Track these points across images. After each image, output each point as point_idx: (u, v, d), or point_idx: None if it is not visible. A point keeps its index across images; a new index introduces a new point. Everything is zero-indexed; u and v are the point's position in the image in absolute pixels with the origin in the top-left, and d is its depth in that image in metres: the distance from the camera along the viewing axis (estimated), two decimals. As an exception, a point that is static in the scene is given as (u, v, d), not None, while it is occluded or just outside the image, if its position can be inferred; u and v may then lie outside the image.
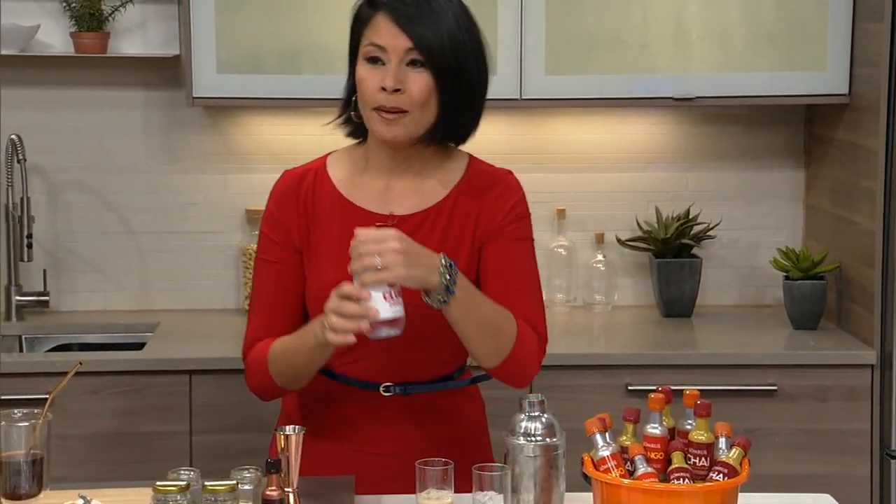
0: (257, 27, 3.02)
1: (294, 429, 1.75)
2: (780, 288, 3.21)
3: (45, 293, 3.26)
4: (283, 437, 1.74)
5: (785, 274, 3.18)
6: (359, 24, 1.92)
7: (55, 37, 3.26)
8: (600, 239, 3.39)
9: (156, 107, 3.33)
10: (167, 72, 3.30)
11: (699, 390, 1.81)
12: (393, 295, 1.75)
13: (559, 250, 3.38)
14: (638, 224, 3.39)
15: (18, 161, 3.17)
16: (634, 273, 3.45)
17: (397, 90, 1.86)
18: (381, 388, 1.97)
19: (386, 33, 1.86)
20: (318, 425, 2.00)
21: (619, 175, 3.42)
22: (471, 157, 2.04)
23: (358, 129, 1.99)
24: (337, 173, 2.00)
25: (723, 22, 3.08)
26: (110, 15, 3.22)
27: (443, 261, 1.78)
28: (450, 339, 1.94)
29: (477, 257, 1.97)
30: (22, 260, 3.21)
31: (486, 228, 1.97)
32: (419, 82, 1.87)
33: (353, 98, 1.94)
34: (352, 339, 1.75)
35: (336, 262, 1.89)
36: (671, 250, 3.30)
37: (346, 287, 1.75)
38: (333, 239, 1.95)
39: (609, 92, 3.10)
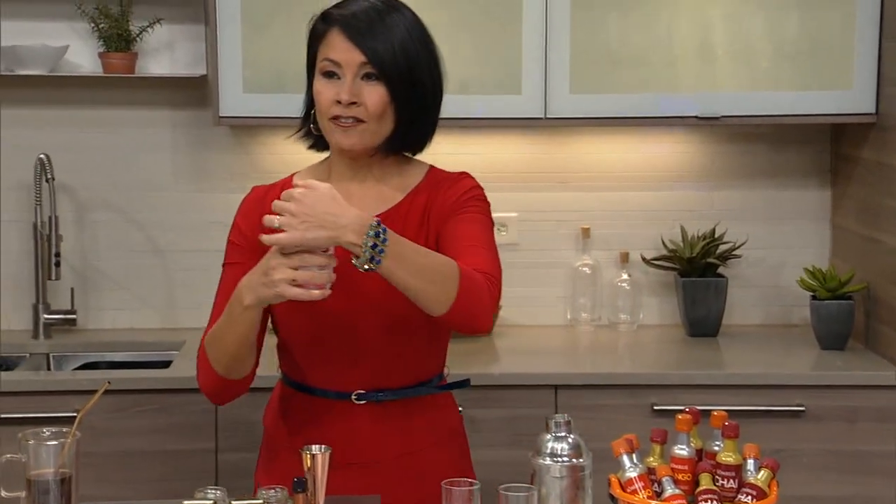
0: (283, 47, 3.04)
1: (320, 448, 1.75)
2: (807, 308, 3.19)
3: (72, 311, 3.28)
4: (308, 456, 1.74)
5: (812, 293, 3.16)
6: (314, 40, 1.96)
7: (84, 57, 3.29)
8: (625, 258, 3.38)
9: (182, 126, 3.35)
10: (194, 91, 3.32)
11: (726, 411, 1.80)
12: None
13: (584, 269, 3.38)
14: (663, 243, 3.38)
15: (47, 180, 3.20)
16: (659, 292, 3.44)
17: (353, 103, 1.91)
18: (352, 396, 1.98)
19: (339, 48, 1.91)
20: (291, 438, 2.00)
21: (644, 194, 3.42)
22: (431, 166, 2.08)
23: (318, 142, 2.03)
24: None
25: (748, 40, 3.08)
26: (138, 35, 3.25)
27: (372, 223, 1.74)
28: (424, 347, 1.97)
29: (436, 247, 1.96)
30: (50, 278, 3.23)
31: (440, 214, 1.98)
32: (374, 95, 1.91)
33: (312, 112, 1.98)
34: (327, 292, 1.75)
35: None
36: (697, 269, 3.29)
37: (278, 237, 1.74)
38: None
39: (634, 111, 3.09)
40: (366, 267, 1.74)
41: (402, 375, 2.00)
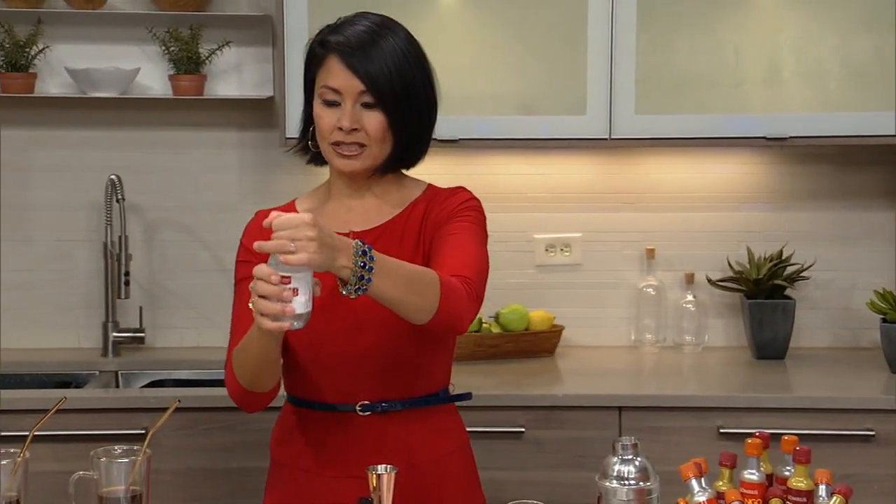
0: (349, 69, 3.06)
1: (386, 468, 1.75)
2: (877, 330, 3.13)
3: (140, 330, 3.32)
4: (374, 475, 1.74)
5: (882, 316, 3.10)
6: (312, 63, 2.00)
7: (154, 79, 3.34)
8: (690, 279, 3.35)
9: (250, 147, 3.39)
10: (261, 113, 3.36)
11: (793, 435, 1.77)
12: (310, 287, 1.71)
13: (648, 290, 3.35)
14: (729, 264, 3.35)
15: (118, 200, 3.25)
16: (725, 314, 3.40)
17: (354, 129, 1.94)
18: (357, 407, 1.98)
19: (338, 76, 1.93)
20: (298, 457, 2.02)
21: (709, 215, 3.39)
22: (429, 184, 2.10)
23: (316, 157, 2.07)
24: (303, 206, 2.10)
25: (816, 61, 3.05)
26: (207, 58, 3.29)
27: (356, 247, 1.72)
28: (426, 358, 1.99)
29: (430, 258, 1.98)
30: (119, 297, 3.28)
31: (435, 223, 2.00)
32: (373, 121, 1.94)
33: (311, 129, 2.02)
34: (284, 325, 1.69)
35: None
36: (763, 291, 3.25)
37: (264, 267, 1.69)
38: None
39: (700, 131, 3.07)
40: (355, 291, 1.73)
41: (405, 387, 2.01)
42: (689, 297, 3.35)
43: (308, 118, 2.04)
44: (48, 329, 3.39)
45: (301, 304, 1.70)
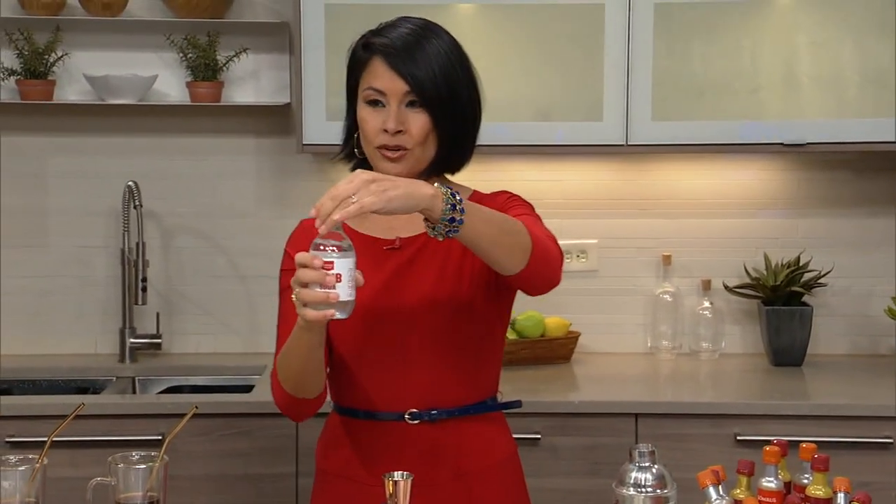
0: (366, 76, 3.06)
1: (402, 475, 1.74)
2: (894, 338, 3.11)
3: (157, 336, 3.33)
4: (391, 482, 1.74)
5: (900, 323, 3.09)
6: (356, 67, 1.97)
7: (172, 86, 3.35)
8: (707, 285, 3.34)
9: (266, 154, 3.39)
10: (278, 119, 3.36)
11: (811, 442, 1.76)
12: (353, 274, 1.68)
13: (665, 296, 3.34)
14: (746, 271, 3.33)
15: (135, 207, 3.26)
16: (742, 321, 3.39)
17: (399, 131, 1.92)
18: (406, 416, 1.96)
19: (383, 78, 1.92)
20: (345, 466, 2.00)
21: (726, 221, 3.38)
22: (474, 190, 2.07)
23: (361, 164, 2.03)
24: None
25: (834, 67, 3.03)
26: (224, 65, 3.30)
27: (441, 189, 1.70)
28: (474, 363, 1.97)
29: (481, 277, 1.95)
30: (136, 303, 3.28)
31: None
32: (418, 122, 1.92)
33: (356, 135, 1.99)
34: (327, 313, 1.67)
35: None
36: (781, 298, 3.24)
37: (305, 254, 1.69)
38: None
39: (717, 138, 3.06)
40: (445, 233, 1.69)
41: (454, 395, 1.99)
42: (706, 304, 3.34)
43: (351, 125, 2.01)
44: (66, 335, 3.40)
45: (345, 291, 1.67)
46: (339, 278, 1.66)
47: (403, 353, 1.96)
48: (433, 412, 1.97)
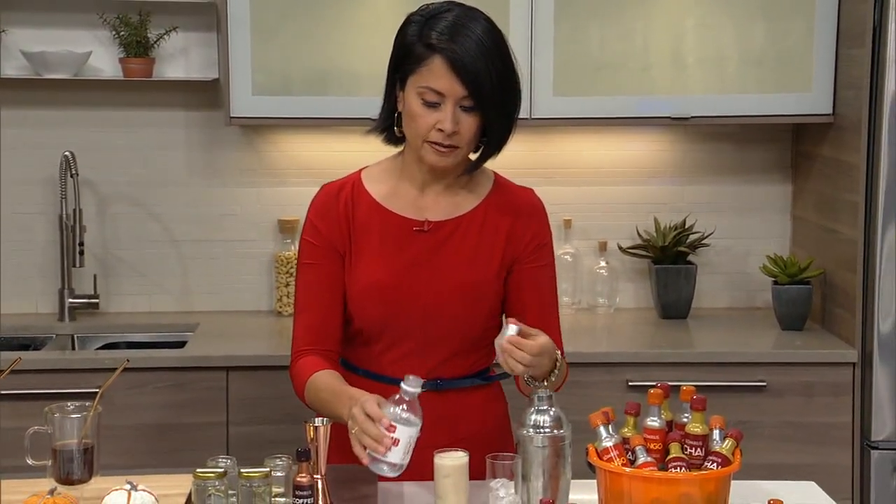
0: (289, 53, 3.03)
1: (322, 420, 1.74)
2: (769, 292, 3.19)
3: (95, 296, 3.28)
4: (312, 427, 1.74)
5: (773, 279, 3.16)
6: (410, 59, 1.88)
7: (105, 62, 3.28)
8: (603, 247, 3.38)
9: (196, 126, 3.34)
10: (207, 94, 3.31)
11: (695, 386, 1.80)
12: (411, 442, 1.70)
13: (566, 257, 3.38)
14: (638, 233, 3.38)
15: (71, 176, 3.19)
16: (634, 278, 3.44)
17: (454, 132, 1.88)
18: None
19: (443, 80, 1.85)
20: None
21: (621, 188, 3.42)
22: (495, 173, 2.06)
23: (393, 140, 1.99)
24: (372, 185, 2.00)
25: (717, 47, 3.08)
26: (155, 42, 3.24)
27: (557, 360, 1.89)
28: (480, 341, 1.98)
29: (505, 273, 1.99)
30: (74, 266, 3.22)
31: (515, 250, 1.99)
32: (471, 124, 1.88)
33: (396, 114, 1.93)
34: (375, 465, 1.70)
35: (376, 262, 1.93)
36: (669, 257, 3.29)
37: (377, 410, 1.70)
38: (373, 243, 1.96)
39: (612, 112, 3.09)
40: (543, 386, 1.84)
41: (460, 367, 2.00)
42: (602, 264, 3.38)
43: (392, 104, 1.94)
44: (8, 295, 3.33)
45: (398, 455, 1.67)
46: (396, 443, 1.67)
47: (423, 334, 1.95)
48: (439, 381, 1.97)
